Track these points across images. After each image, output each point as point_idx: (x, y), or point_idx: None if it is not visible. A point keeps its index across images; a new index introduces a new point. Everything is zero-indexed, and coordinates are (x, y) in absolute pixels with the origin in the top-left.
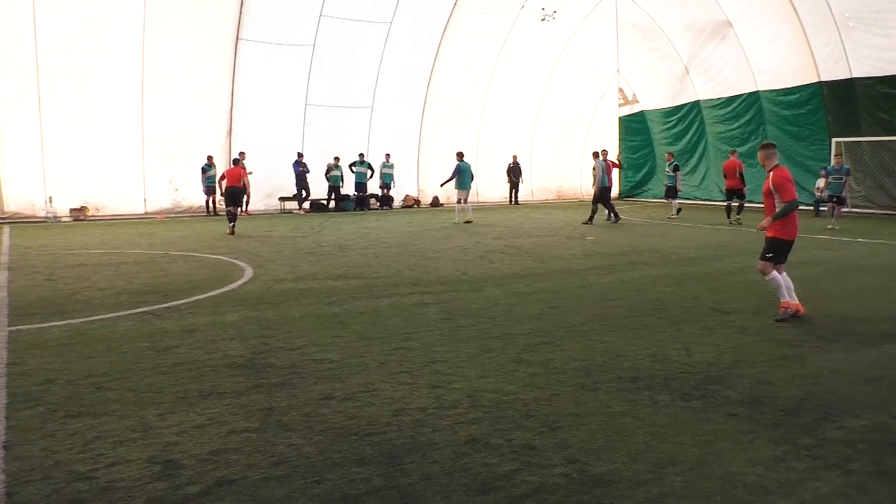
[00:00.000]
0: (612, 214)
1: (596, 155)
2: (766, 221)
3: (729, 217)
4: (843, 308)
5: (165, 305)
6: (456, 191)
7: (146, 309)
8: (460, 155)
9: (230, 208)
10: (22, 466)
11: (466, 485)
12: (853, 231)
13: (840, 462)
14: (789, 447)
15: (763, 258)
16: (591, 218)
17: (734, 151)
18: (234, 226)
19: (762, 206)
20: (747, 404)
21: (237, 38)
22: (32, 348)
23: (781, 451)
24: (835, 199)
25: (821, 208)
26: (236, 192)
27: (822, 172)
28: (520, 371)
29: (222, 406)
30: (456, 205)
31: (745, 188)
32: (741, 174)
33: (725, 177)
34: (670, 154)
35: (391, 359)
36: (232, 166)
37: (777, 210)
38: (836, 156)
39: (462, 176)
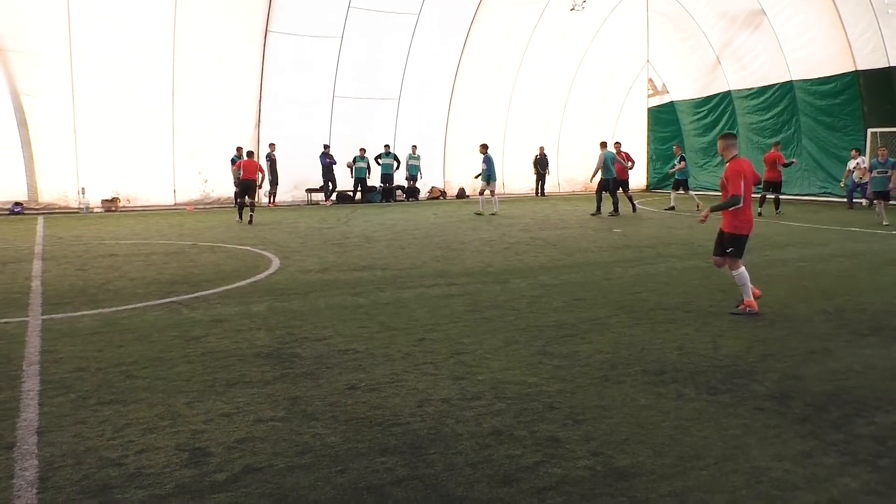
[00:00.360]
0: (599, 208)
1: (603, 145)
2: (705, 213)
3: (761, 205)
4: (875, 302)
5: (194, 295)
6: (481, 182)
7: (175, 299)
8: (485, 147)
9: (244, 199)
10: (54, 452)
11: (490, 476)
12: (890, 224)
13: (870, 458)
14: (817, 442)
15: (727, 255)
16: (615, 208)
17: (777, 143)
18: (251, 216)
19: (795, 198)
20: (775, 399)
21: (266, 31)
22: (65, 336)
23: (809, 447)
24: (881, 194)
25: (854, 200)
26: (252, 185)
27: (854, 153)
28: (544, 363)
29: (249, 395)
30: (479, 196)
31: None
32: (784, 166)
33: (766, 168)
34: (679, 147)
35: (416, 350)
36: (247, 159)
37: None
38: (880, 148)
39: (490, 168)
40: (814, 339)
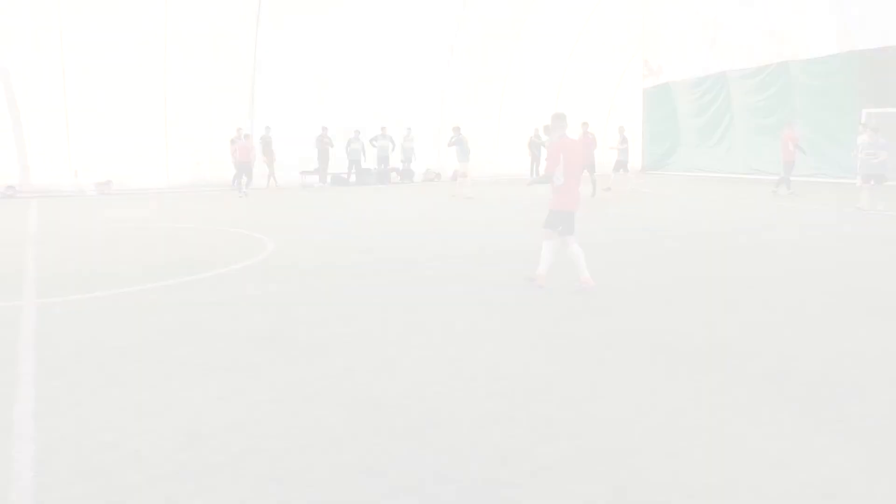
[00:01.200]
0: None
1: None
2: (528, 181)
3: (788, 188)
4: (870, 282)
5: (190, 278)
6: (459, 164)
7: (171, 282)
8: (457, 129)
9: (243, 178)
10: (51, 435)
11: (487, 456)
12: (882, 209)
13: (862, 437)
14: (811, 421)
15: (560, 231)
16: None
17: (790, 124)
18: (246, 192)
19: (804, 179)
20: (769, 378)
21: (260, 8)
22: (60, 320)
23: (803, 426)
24: (871, 176)
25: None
26: (246, 166)
27: (861, 129)
28: (541, 344)
29: (245, 378)
30: (461, 179)
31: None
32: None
33: (782, 149)
34: (622, 127)
35: (412, 332)
36: (243, 141)
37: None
38: (872, 128)
39: (463, 148)
40: (809, 318)
